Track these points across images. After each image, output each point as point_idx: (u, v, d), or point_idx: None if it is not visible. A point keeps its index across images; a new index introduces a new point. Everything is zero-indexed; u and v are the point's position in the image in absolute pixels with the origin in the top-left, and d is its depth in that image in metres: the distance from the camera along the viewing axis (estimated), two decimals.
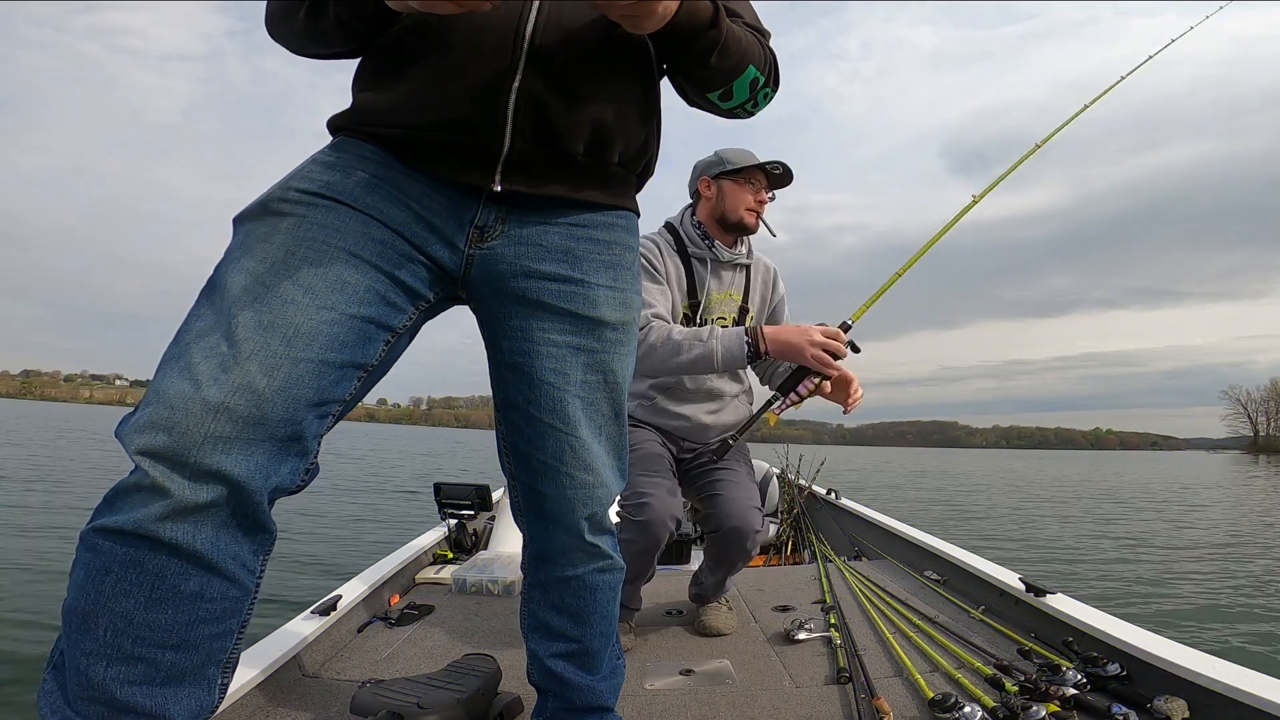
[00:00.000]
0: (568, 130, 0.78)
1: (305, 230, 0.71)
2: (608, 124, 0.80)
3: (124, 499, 0.61)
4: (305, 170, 0.76)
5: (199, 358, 0.64)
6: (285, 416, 0.65)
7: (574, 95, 0.77)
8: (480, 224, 0.79)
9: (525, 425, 0.85)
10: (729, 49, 0.79)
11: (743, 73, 0.83)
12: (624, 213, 0.89)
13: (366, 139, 0.77)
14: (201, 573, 0.63)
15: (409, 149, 0.76)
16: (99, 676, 0.60)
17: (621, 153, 0.84)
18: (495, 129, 0.74)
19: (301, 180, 0.74)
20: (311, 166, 0.76)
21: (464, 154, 0.76)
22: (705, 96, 0.86)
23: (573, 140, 0.79)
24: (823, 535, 3.03)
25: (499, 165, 0.76)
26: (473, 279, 0.81)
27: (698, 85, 0.85)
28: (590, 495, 0.86)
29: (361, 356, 0.72)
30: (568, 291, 0.82)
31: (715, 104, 0.87)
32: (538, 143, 0.77)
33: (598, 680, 0.95)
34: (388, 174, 0.76)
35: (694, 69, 0.82)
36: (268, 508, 0.67)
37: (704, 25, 0.76)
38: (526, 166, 0.77)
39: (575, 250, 0.83)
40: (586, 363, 0.84)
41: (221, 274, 0.69)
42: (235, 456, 0.62)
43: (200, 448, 0.61)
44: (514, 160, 0.76)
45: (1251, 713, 0.98)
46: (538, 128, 0.76)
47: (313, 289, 0.69)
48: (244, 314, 0.66)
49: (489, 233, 0.79)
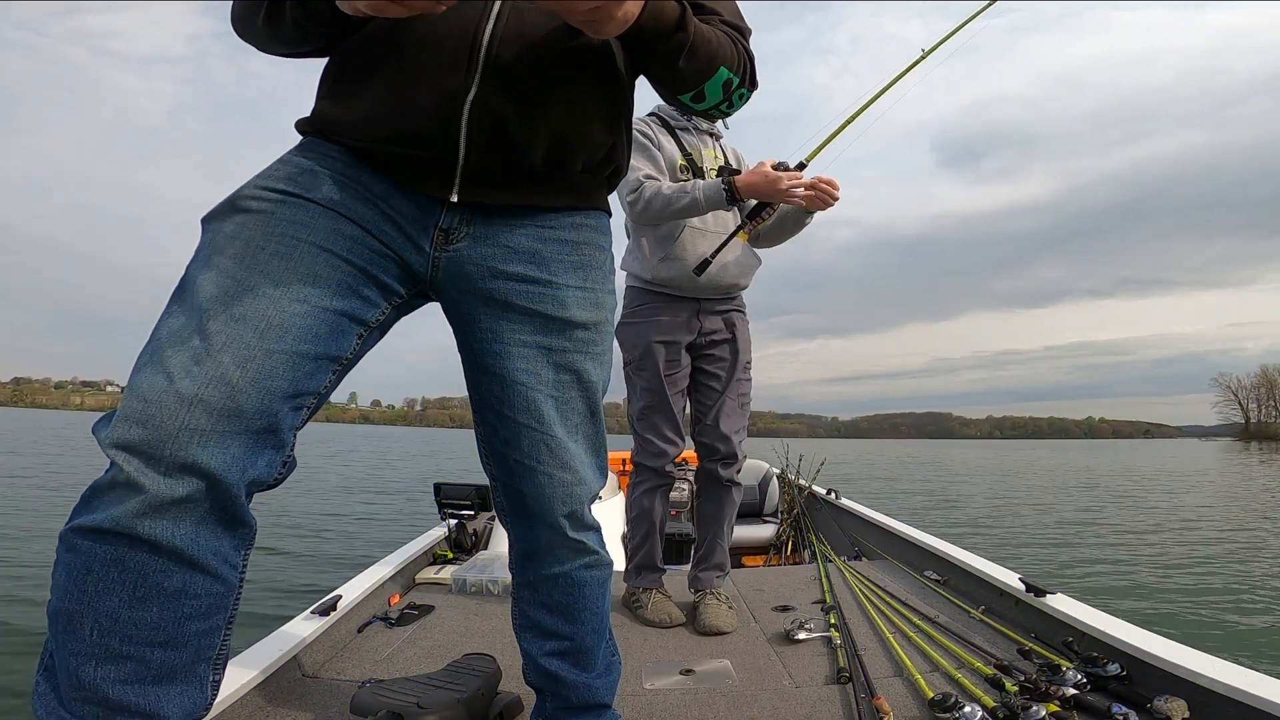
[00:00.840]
0: (525, 141, 0.77)
1: (274, 226, 0.71)
2: (568, 134, 0.79)
3: (100, 497, 0.61)
4: (273, 170, 0.76)
5: (171, 353, 0.64)
6: (260, 408, 0.65)
7: (532, 105, 0.76)
8: (444, 227, 0.79)
9: (500, 425, 0.85)
10: (697, 51, 0.78)
11: (714, 74, 0.82)
12: (593, 213, 0.88)
13: (333, 141, 0.77)
14: (183, 569, 0.63)
15: (369, 158, 0.76)
16: (89, 677, 0.60)
17: (585, 161, 0.83)
18: (449, 142, 0.74)
19: (269, 179, 0.74)
20: (279, 166, 0.76)
21: (421, 166, 0.76)
22: (677, 98, 0.86)
23: (531, 151, 0.78)
24: (823, 535, 3.02)
25: (456, 176, 0.76)
26: (440, 281, 0.81)
27: (667, 87, 0.85)
28: (569, 493, 0.86)
29: (335, 349, 0.73)
30: (535, 293, 0.82)
31: (688, 105, 0.87)
32: (494, 153, 0.76)
33: (593, 677, 0.95)
34: (355, 174, 0.76)
35: (661, 71, 0.81)
36: (246, 502, 0.67)
37: (670, 28, 0.74)
38: (484, 177, 0.77)
39: (543, 251, 0.82)
40: (558, 362, 0.84)
41: (192, 273, 0.69)
42: (211, 449, 0.62)
43: (175, 440, 0.61)
44: (471, 171, 0.76)
45: (1251, 713, 0.98)
46: (493, 139, 0.75)
47: (284, 282, 0.69)
48: (216, 308, 0.66)
49: (454, 235, 0.79)
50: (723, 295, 1.83)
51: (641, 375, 1.80)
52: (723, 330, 1.84)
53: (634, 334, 1.79)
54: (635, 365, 1.81)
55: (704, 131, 1.86)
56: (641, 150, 1.74)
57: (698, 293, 1.78)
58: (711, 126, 1.88)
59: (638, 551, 1.86)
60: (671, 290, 1.77)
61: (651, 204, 1.65)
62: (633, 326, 1.80)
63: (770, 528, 3.32)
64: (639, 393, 1.82)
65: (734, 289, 1.83)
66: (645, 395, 1.80)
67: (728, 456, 1.82)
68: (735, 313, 1.87)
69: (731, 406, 1.84)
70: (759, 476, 3.57)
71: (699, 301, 1.80)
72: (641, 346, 1.78)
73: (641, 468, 1.85)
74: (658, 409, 1.79)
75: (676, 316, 1.78)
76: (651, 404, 1.80)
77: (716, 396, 1.83)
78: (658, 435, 1.81)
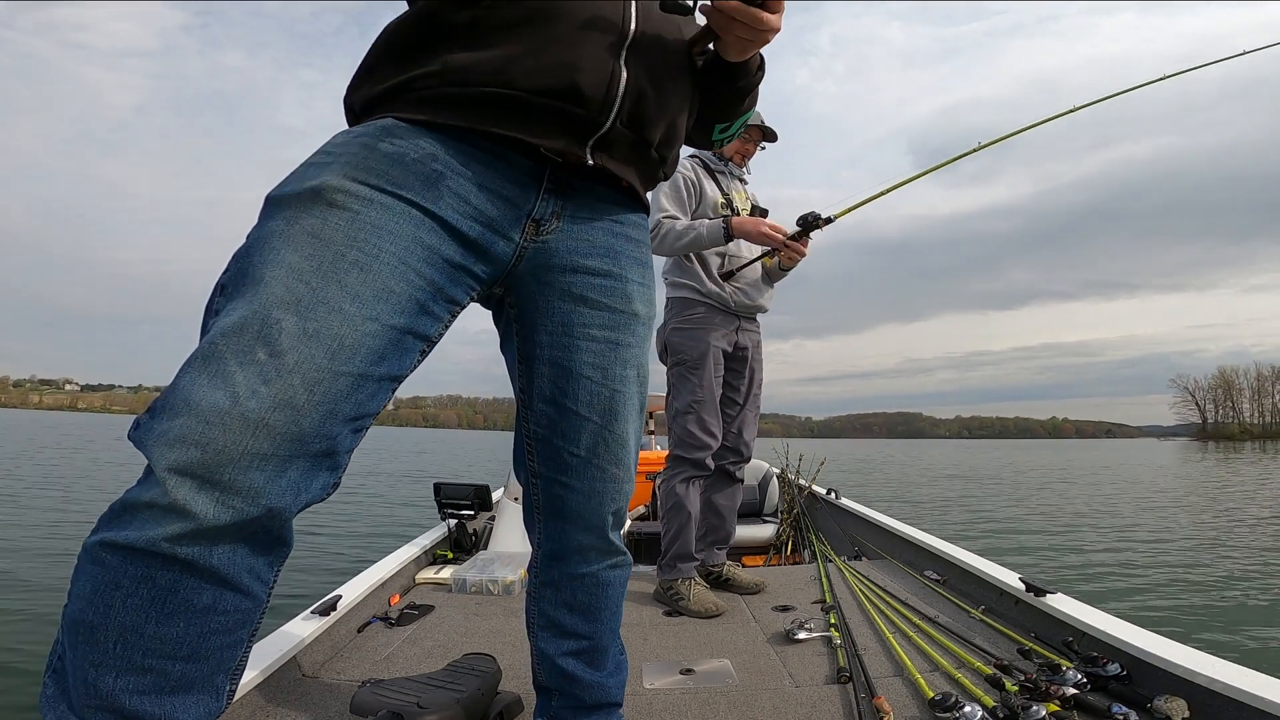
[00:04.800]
0: (655, 121, 0.81)
1: (358, 231, 0.66)
2: (677, 124, 0.86)
3: (137, 514, 0.57)
4: (359, 157, 0.69)
5: (235, 365, 0.59)
6: (322, 432, 0.62)
7: (662, 90, 0.80)
8: (537, 216, 0.80)
9: (560, 419, 0.85)
10: (755, 92, 0.92)
11: (749, 112, 0.94)
12: (645, 214, 0.93)
13: (421, 124, 0.73)
14: (215, 587, 0.60)
15: (509, 111, 0.73)
16: (107, 687, 0.58)
17: (673, 154, 0.89)
18: (606, 104, 0.75)
19: (358, 169, 0.69)
20: (365, 154, 0.70)
21: (566, 123, 0.75)
22: (713, 125, 0.95)
23: (655, 131, 0.82)
24: (823, 535, 3.02)
25: (591, 140, 0.77)
26: (520, 272, 0.82)
27: (715, 116, 0.94)
28: (619, 490, 0.88)
29: (398, 369, 0.70)
30: (609, 286, 0.85)
31: (713, 132, 0.96)
32: (630, 126, 0.79)
33: (605, 676, 0.96)
34: (446, 165, 0.72)
35: (728, 103, 0.91)
36: (291, 523, 0.65)
37: (755, 68, 0.87)
38: (614, 147, 0.79)
39: (616, 246, 0.86)
40: (623, 357, 0.86)
41: (258, 265, 0.63)
42: (269, 474, 0.59)
43: (235, 466, 0.57)
44: (608, 138, 0.78)
45: (1252, 713, 0.98)
46: (635, 113, 0.78)
47: (360, 297, 0.65)
48: (287, 318, 0.61)
49: (545, 226, 0.81)
50: (754, 315, 2.14)
51: (696, 374, 2.00)
52: (751, 348, 2.13)
53: (692, 337, 2.01)
54: (691, 365, 2.01)
55: (735, 177, 2.16)
56: (675, 192, 2.01)
57: (740, 310, 2.06)
58: (741, 172, 2.19)
59: (674, 542, 1.97)
60: (719, 304, 2.03)
61: (666, 239, 1.96)
62: (691, 331, 2.02)
63: (770, 527, 3.31)
64: (689, 389, 2.01)
65: (761, 310, 2.14)
66: (696, 391, 2.00)
67: (745, 460, 2.14)
68: (759, 334, 2.17)
69: (752, 418, 2.15)
70: (759, 476, 3.57)
71: (739, 319, 2.08)
72: (700, 348, 2.01)
73: (680, 460, 2.02)
74: (707, 405, 2.00)
75: (725, 328, 2.05)
76: (702, 399, 2.00)
77: (739, 408, 2.12)
78: (702, 429, 1.99)
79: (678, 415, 2.02)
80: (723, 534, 2.14)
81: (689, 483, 2.01)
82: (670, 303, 2.08)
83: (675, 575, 1.92)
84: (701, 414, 1.99)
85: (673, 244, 1.96)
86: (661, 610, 1.87)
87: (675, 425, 2.03)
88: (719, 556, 2.12)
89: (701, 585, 1.92)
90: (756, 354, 2.14)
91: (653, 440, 5.80)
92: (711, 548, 2.12)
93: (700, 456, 1.99)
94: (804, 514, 3.31)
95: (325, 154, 0.71)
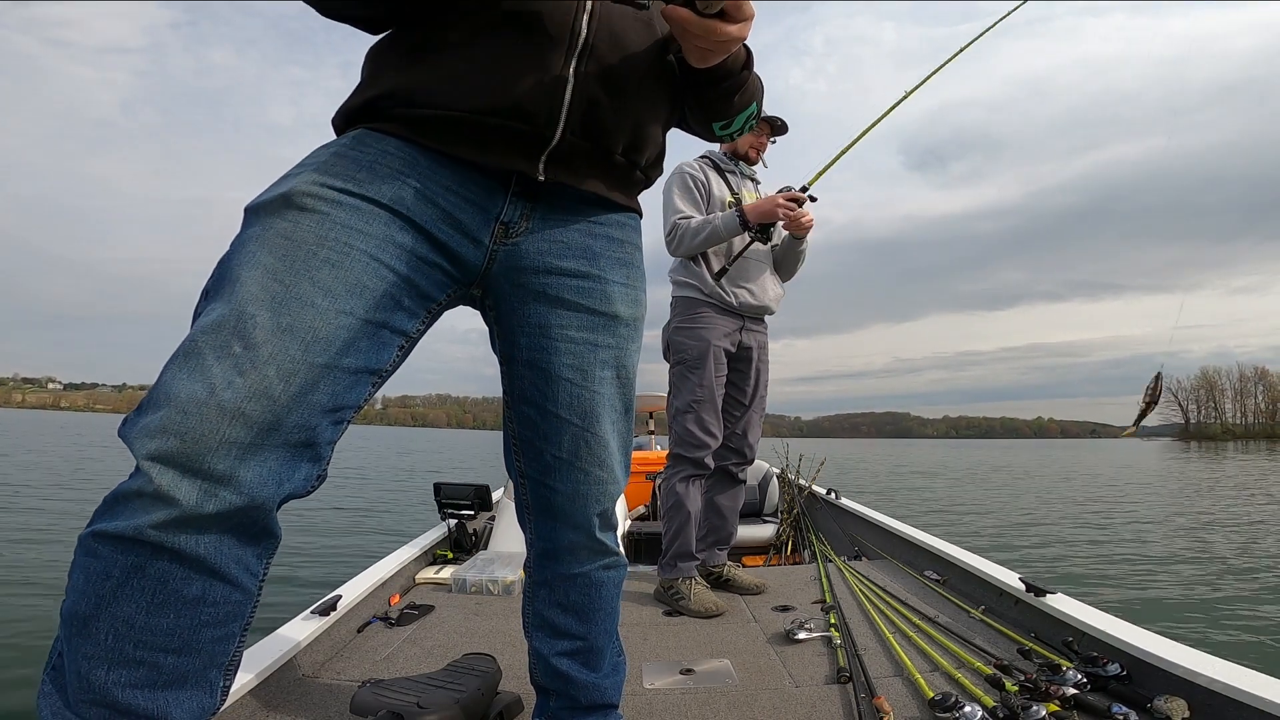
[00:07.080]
0: (613, 128, 0.80)
1: (328, 230, 0.69)
2: (644, 128, 0.83)
3: (126, 504, 0.59)
4: (328, 164, 0.72)
5: (212, 359, 0.61)
6: (300, 422, 0.64)
7: (620, 95, 0.79)
8: (506, 220, 0.80)
9: (541, 420, 0.85)
10: (748, 89, 0.87)
11: (748, 108, 0.90)
12: (633, 214, 0.91)
13: (389, 133, 0.75)
14: (204, 578, 0.62)
15: (453, 131, 0.74)
16: (100, 680, 0.59)
17: (647, 157, 0.87)
18: (550, 118, 0.75)
19: (326, 174, 0.71)
20: (335, 161, 0.73)
21: (513, 140, 0.75)
22: (709, 123, 0.91)
23: (615, 139, 0.81)
24: (823, 535, 3.02)
25: (544, 155, 0.77)
26: (493, 275, 0.82)
27: (709, 114, 0.90)
28: (603, 491, 0.88)
29: (376, 362, 0.72)
30: (586, 287, 0.84)
31: (712, 130, 0.92)
32: (584, 137, 0.78)
33: (601, 677, 0.95)
34: (413, 170, 0.74)
35: (716, 103, 0.87)
36: (276, 514, 0.66)
37: (739, 67, 0.83)
38: (569, 159, 0.78)
39: (593, 247, 0.85)
40: (603, 359, 0.85)
41: (235, 267, 0.66)
42: (248, 463, 0.61)
43: (213, 454, 0.59)
44: (560, 151, 0.77)
45: (1252, 713, 0.98)
46: (586, 122, 0.77)
47: (333, 292, 0.67)
48: (262, 314, 0.63)
49: (514, 229, 0.80)
50: (759, 315, 2.10)
51: (696, 373, 1.99)
52: (756, 349, 2.10)
53: (694, 336, 2.00)
54: (691, 364, 2.00)
55: (746, 176, 2.16)
56: (686, 192, 2.02)
57: (745, 310, 2.03)
58: (751, 171, 2.19)
59: (674, 541, 1.97)
60: (722, 304, 2.02)
61: (683, 239, 1.97)
62: (693, 330, 2.01)
63: (770, 527, 3.31)
64: (689, 388, 2.00)
65: (767, 311, 2.11)
66: (696, 390, 1.99)
67: (748, 461, 2.14)
68: (765, 335, 2.14)
69: (756, 419, 2.14)
70: (759, 476, 3.57)
71: (744, 319, 2.06)
72: (701, 347, 1.99)
73: (680, 458, 2.02)
74: (707, 404, 1.99)
75: (727, 328, 2.03)
76: (702, 398, 1.99)
77: (744, 409, 2.11)
78: (702, 428, 1.99)
79: (678, 414, 2.01)
80: (724, 534, 2.14)
81: (689, 482, 2.01)
82: (675, 302, 2.08)
83: (676, 574, 1.92)
84: (701, 413, 1.99)
85: (690, 242, 1.95)
86: (661, 610, 1.87)
87: (675, 424, 2.03)
88: (720, 557, 2.12)
89: (702, 585, 1.92)
90: (762, 355, 2.12)
91: (653, 440, 5.80)
92: (713, 548, 2.12)
93: (700, 455, 1.99)
94: (804, 514, 3.31)
95: (300, 165, 0.74)
